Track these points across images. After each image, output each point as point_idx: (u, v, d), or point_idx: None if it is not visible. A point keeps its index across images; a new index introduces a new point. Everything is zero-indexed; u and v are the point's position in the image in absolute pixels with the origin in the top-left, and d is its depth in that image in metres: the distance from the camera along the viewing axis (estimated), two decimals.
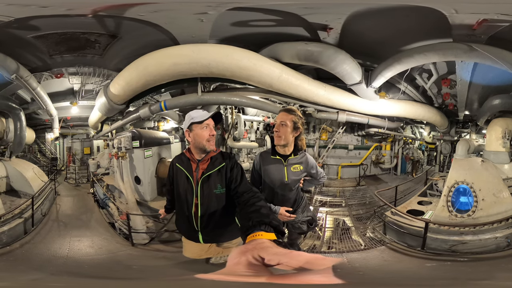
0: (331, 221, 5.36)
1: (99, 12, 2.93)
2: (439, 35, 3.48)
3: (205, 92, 4.73)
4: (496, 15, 2.80)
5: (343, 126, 7.42)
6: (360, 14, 3.11)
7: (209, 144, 1.69)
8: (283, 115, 2.01)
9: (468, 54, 3.37)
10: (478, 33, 3.16)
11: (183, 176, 1.76)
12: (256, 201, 1.35)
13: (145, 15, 3.01)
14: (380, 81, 4.55)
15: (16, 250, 3.69)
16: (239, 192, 1.56)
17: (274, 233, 1.02)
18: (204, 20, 3.13)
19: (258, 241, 0.81)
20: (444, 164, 7.44)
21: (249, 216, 1.16)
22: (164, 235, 4.30)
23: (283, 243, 0.91)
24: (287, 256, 0.62)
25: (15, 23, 3.09)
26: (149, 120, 7.24)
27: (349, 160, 7.91)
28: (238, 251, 0.69)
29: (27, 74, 4.41)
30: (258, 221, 1.06)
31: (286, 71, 4.14)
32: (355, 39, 3.78)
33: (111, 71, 4.88)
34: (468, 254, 3.54)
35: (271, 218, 1.10)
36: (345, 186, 7.28)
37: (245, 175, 1.72)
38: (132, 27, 3.41)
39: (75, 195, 6.45)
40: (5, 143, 5.59)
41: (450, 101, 5.84)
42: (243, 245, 0.80)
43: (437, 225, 3.87)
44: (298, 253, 0.61)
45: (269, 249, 0.70)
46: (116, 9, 2.89)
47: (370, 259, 3.69)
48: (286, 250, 0.67)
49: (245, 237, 1.02)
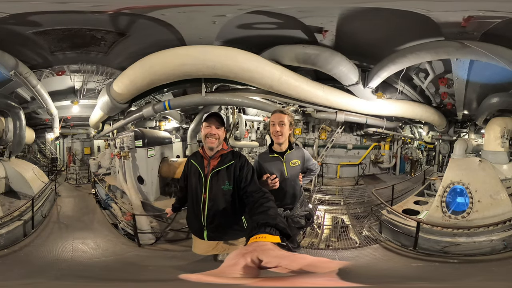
0: (329, 219, 5.43)
1: (123, 10, 2.94)
2: (430, 34, 3.52)
3: (208, 92, 4.78)
4: (481, 12, 2.83)
5: (341, 125, 7.47)
6: (350, 16, 3.22)
7: (207, 141, 1.78)
8: (279, 115, 2.15)
9: (461, 51, 3.39)
10: (469, 30, 3.18)
11: (196, 171, 1.86)
12: (264, 202, 1.35)
13: (168, 15, 3.03)
14: (376, 82, 4.62)
15: (15, 253, 3.59)
16: (249, 192, 1.60)
17: (279, 236, 0.99)
18: (217, 22, 3.18)
19: (260, 243, 0.80)
20: (443, 164, 7.50)
21: (255, 217, 1.17)
22: (170, 235, 4.32)
23: (287, 246, 0.89)
24: (288, 258, 0.60)
25: (13, 19, 3.05)
26: (151, 120, 7.26)
27: (348, 160, 7.97)
28: (237, 253, 0.68)
29: (27, 70, 4.33)
30: (263, 223, 1.04)
31: (286, 72, 4.22)
32: (350, 41, 3.88)
33: (114, 69, 4.88)
34: (460, 256, 3.48)
35: (278, 221, 1.08)
36: (343, 185, 7.35)
37: (256, 175, 1.75)
38: (143, 26, 3.43)
39: (76, 196, 6.39)
40: (4, 143, 5.52)
41: (449, 100, 5.88)
42: (244, 246, 0.78)
43: (429, 225, 3.82)
44: (301, 256, 0.59)
45: (270, 252, 0.68)
46: (142, 9, 2.92)
47: (361, 257, 3.75)
48: (289, 253, 0.65)
49: (248, 238, 0.98)
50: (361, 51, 4.37)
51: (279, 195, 2.19)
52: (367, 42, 4.11)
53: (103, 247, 4.01)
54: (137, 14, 3.09)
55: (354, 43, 3.99)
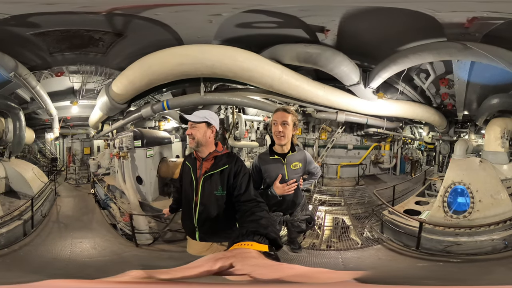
0: (330, 219, 5.40)
1: (116, 10, 2.93)
2: (432, 35, 3.50)
3: (207, 92, 4.76)
4: (485, 13, 2.81)
5: (342, 126, 7.46)
6: (353, 15, 3.19)
7: (189, 142, 1.76)
8: (282, 114, 2.00)
9: (463, 53, 3.37)
10: (472, 32, 3.16)
11: (188, 173, 1.82)
12: (257, 211, 1.31)
13: (162, 15, 3.01)
14: (377, 82, 4.60)
15: (14, 253, 3.60)
16: (242, 201, 1.53)
17: (268, 245, 0.94)
18: (213, 21, 3.16)
19: (243, 250, 0.77)
20: (443, 164, 7.48)
21: (245, 225, 1.13)
22: (167, 235, 4.31)
23: (274, 255, 0.85)
24: (267, 268, 0.58)
25: (12, 20, 3.05)
26: (150, 120, 7.24)
27: (348, 160, 7.95)
28: (211, 256, 0.65)
29: (26, 72, 4.34)
30: (252, 231, 1.00)
31: (287, 72, 4.19)
32: (352, 40, 3.85)
33: (113, 70, 4.87)
34: (462, 255, 3.50)
35: (269, 230, 1.03)
36: (344, 186, 7.32)
37: (252, 183, 1.66)
38: (139, 26, 3.42)
39: (75, 196, 6.38)
40: (4, 143, 5.51)
41: (449, 101, 5.87)
42: (224, 251, 0.75)
43: (432, 225, 3.84)
44: (289, 266, 0.56)
45: (250, 260, 0.65)
46: (134, 9, 2.90)
47: (365, 258, 3.72)
48: (273, 263, 0.62)
49: (231, 244, 0.95)
50: (363, 51, 4.34)
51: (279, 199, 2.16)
52: (369, 42, 4.08)
53: (101, 247, 4.01)
54: (132, 14, 3.07)
55: (355, 43, 3.96)
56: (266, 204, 1.51)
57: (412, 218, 4.07)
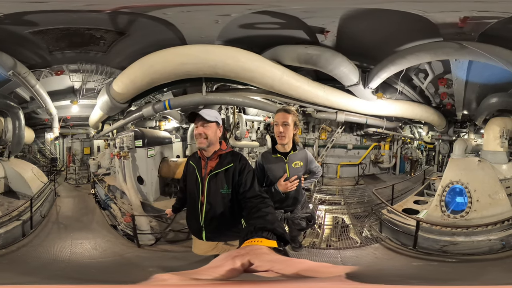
0: (330, 219, 5.43)
1: (122, 9, 2.91)
2: (429, 35, 3.53)
3: (209, 92, 4.77)
4: (475, 12, 2.83)
5: (342, 126, 7.49)
6: (352, 17, 3.23)
7: (197, 143, 1.74)
8: (283, 115, 2.06)
9: (459, 52, 3.40)
10: (467, 31, 3.18)
11: (193, 173, 1.82)
12: (263, 207, 1.33)
13: (170, 14, 3.00)
14: (376, 82, 4.64)
15: (12, 253, 3.56)
16: (247, 197, 1.55)
17: (276, 241, 0.96)
18: (220, 21, 3.16)
19: (255, 246, 0.78)
20: (442, 163, 7.52)
21: (252, 222, 1.15)
22: (170, 235, 4.29)
23: (283, 251, 0.86)
24: (283, 263, 0.59)
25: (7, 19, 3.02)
26: (151, 120, 7.24)
27: (348, 160, 7.98)
28: (226, 255, 0.65)
29: (25, 70, 4.30)
30: (260, 227, 1.01)
31: (287, 73, 4.22)
32: (351, 41, 3.89)
33: (114, 68, 4.84)
34: (459, 255, 3.50)
35: (276, 226, 1.05)
36: (344, 185, 7.35)
37: (256, 180, 1.68)
38: (143, 25, 3.41)
39: (75, 196, 6.35)
40: (3, 143, 5.47)
41: (448, 100, 5.91)
42: (236, 249, 0.76)
43: (429, 224, 3.85)
44: (299, 261, 0.58)
45: (264, 256, 0.66)
46: (142, 8, 2.87)
47: (362, 257, 3.75)
48: (285, 258, 0.63)
49: (242, 242, 0.96)
50: (362, 52, 4.39)
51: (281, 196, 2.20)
52: (367, 43, 4.13)
53: (102, 248, 3.98)
54: (137, 13, 3.06)
55: (355, 44, 4.00)
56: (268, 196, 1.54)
57: (410, 217, 4.09)
